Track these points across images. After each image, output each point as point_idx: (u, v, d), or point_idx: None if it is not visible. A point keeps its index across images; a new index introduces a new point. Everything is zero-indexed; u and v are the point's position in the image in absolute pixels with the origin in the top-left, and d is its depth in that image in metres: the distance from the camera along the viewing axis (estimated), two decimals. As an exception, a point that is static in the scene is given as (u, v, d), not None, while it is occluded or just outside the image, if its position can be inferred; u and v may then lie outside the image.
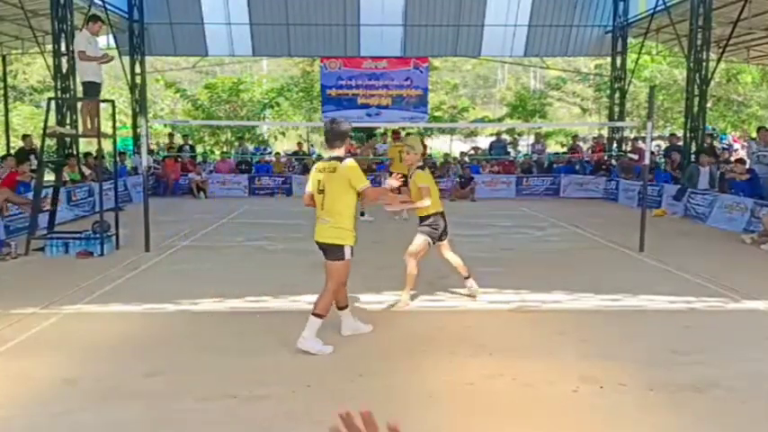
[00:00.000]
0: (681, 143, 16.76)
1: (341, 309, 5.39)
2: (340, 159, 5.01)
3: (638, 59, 20.49)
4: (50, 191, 10.36)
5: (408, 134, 18.60)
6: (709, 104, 19.06)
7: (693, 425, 3.90)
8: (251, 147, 24.10)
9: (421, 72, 21.38)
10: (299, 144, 22.87)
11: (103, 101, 10.56)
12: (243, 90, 26.55)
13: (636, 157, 17.75)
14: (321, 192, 5.06)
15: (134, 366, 4.76)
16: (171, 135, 22.37)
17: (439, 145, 28.99)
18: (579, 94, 30.00)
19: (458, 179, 18.22)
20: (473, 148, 24.01)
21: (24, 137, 16.28)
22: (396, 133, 17.00)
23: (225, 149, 23.98)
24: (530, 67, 29.58)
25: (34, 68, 27.50)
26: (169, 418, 3.88)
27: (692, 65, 15.42)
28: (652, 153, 13.87)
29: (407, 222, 13.55)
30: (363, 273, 7.84)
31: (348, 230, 5.01)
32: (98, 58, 10.01)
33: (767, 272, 8.38)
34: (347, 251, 5.02)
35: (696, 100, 15.54)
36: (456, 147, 28.09)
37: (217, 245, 10.21)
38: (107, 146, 11.31)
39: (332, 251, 5.04)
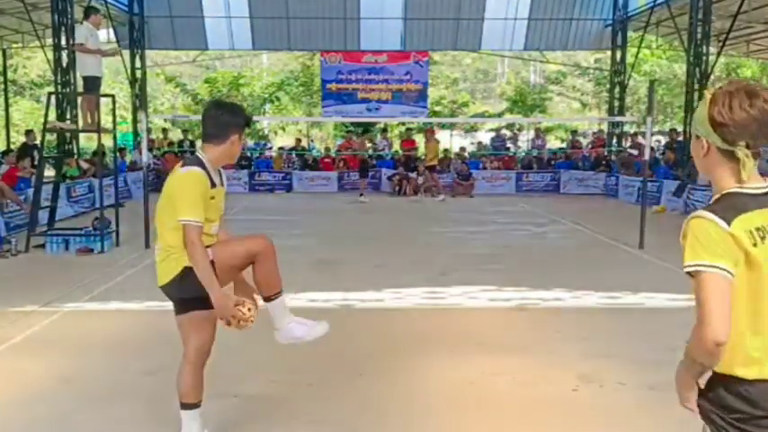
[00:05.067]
0: (681, 138, 16.77)
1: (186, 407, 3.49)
2: (189, 162, 3.22)
3: (637, 53, 20.45)
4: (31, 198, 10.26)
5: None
6: (709, 99, 18.99)
7: (693, 424, 3.89)
8: (251, 142, 24.06)
9: (421, 66, 21.36)
10: (298, 140, 22.77)
11: (104, 95, 10.55)
12: (243, 84, 26.53)
13: (636, 152, 17.73)
14: None
15: (134, 364, 4.77)
16: (165, 131, 22.28)
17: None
18: (579, 88, 29.96)
19: (456, 175, 18.22)
20: (478, 144, 24.01)
21: (27, 132, 16.27)
22: (430, 130, 17.52)
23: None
24: (530, 62, 29.50)
25: (34, 62, 27.43)
26: (169, 417, 3.88)
27: (691, 59, 15.40)
28: (651, 149, 13.88)
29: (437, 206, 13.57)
30: (363, 270, 7.87)
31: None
32: (95, 51, 10.00)
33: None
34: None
35: (696, 94, 15.51)
36: (456, 142, 28.07)
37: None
38: (107, 141, 11.27)
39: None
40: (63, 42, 14.87)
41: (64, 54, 14.91)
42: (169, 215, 3.11)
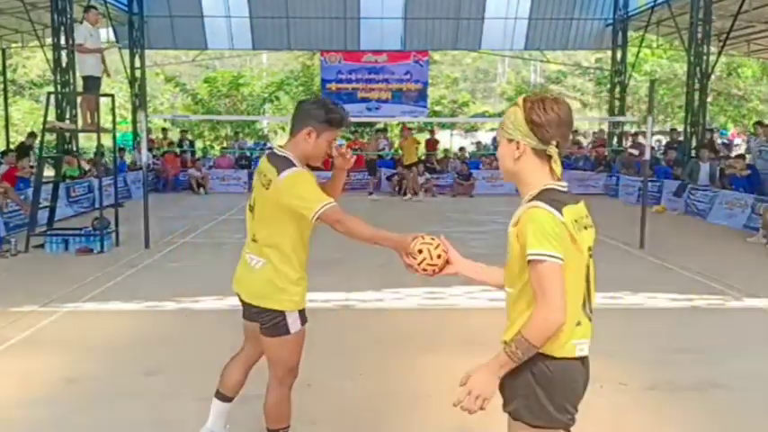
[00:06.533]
0: (681, 138, 16.77)
1: (222, 398, 3.44)
2: (282, 165, 2.88)
3: (638, 53, 20.44)
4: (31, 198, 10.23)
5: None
6: (709, 99, 19.00)
7: (693, 424, 3.90)
8: (250, 142, 24.05)
9: (421, 66, 21.35)
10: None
11: (103, 95, 10.55)
12: (243, 84, 26.52)
13: (636, 152, 17.71)
14: (252, 210, 3.04)
15: (134, 365, 4.76)
16: (164, 130, 22.30)
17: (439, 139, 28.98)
18: (579, 88, 29.96)
19: (455, 175, 18.21)
20: (477, 144, 23.99)
21: (30, 134, 16.26)
22: (406, 129, 17.53)
23: (225, 145, 23.95)
24: (530, 61, 29.52)
25: (34, 62, 27.44)
26: (169, 418, 3.89)
27: (692, 58, 15.39)
28: (652, 149, 13.87)
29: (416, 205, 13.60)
30: (363, 270, 7.85)
31: (290, 283, 2.98)
32: (95, 50, 10.00)
33: None
34: (291, 320, 3.00)
35: (696, 94, 15.51)
36: (456, 141, 28.07)
37: (217, 241, 10.20)
38: (107, 141, 11.27)
39: (262, 318, 2.99)
40: (62, 42, 14.85)
41: (63, 54, 14.90)
42: (278, 225, 2.89)
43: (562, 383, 2.11)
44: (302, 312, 3.03)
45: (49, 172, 11.32)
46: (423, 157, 18.99)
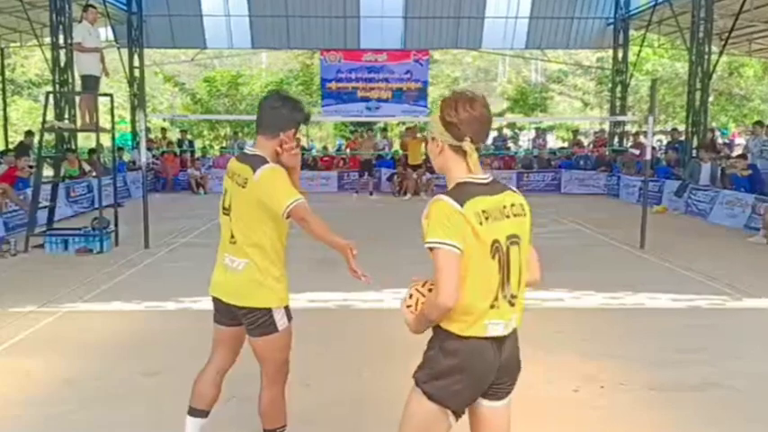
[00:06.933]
0: (683, 138, 16.75)
1: (197, 413, 3.29)
2: (256, 163, 2.94)
3: (639, 52, 20.41)
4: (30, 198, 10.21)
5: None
6: (710, 98, 18.97)
7: (694, 424, 3.89)
8: (250, 141, 24.03)
9: (421, 65, 21.32)
10: (297, 140, 22.59)
11: (102, 95, 10.53)
12: (242, 83, 26.46)
13: (637, 152, 17.68)
14: (227, 212, 3.09)
15: (133, 365, 4.75)
16: (164, 130, 22.25)
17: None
18: (581, 87, 29.90)
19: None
20: None
21: (27, 133, 16.23)
22: (412, 130, 17.49)
23: (224, 144, 23.92)
24: (531, 60, 29.48)
25: (32, 61, 27.39)
26: (168, 418, 3.86)
27: (693, 58, 15.37)
28: (653, 148, 13.85)
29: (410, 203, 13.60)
30: (363, 270, 7.86)
31: (274, 280, 3.01)
32: (92, 49, 9.98)
33: (768, 268, 8.37)
34: (278, 317, 3.01)
35: (698, 94, 15.48)
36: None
37: (216, 241, 10.16)
38: (105, 141, 11.25)
39: (249, 318, 3.00)
40: (61, 41, 14.83)
41: (62, 53, 14.87)
42: (257, 224, 2.93)
43: (470, 360, 2.26)
44: (287, 309, 3.05)
45: (48, 172, 11.31)
46: (423, 157, 18.94)
